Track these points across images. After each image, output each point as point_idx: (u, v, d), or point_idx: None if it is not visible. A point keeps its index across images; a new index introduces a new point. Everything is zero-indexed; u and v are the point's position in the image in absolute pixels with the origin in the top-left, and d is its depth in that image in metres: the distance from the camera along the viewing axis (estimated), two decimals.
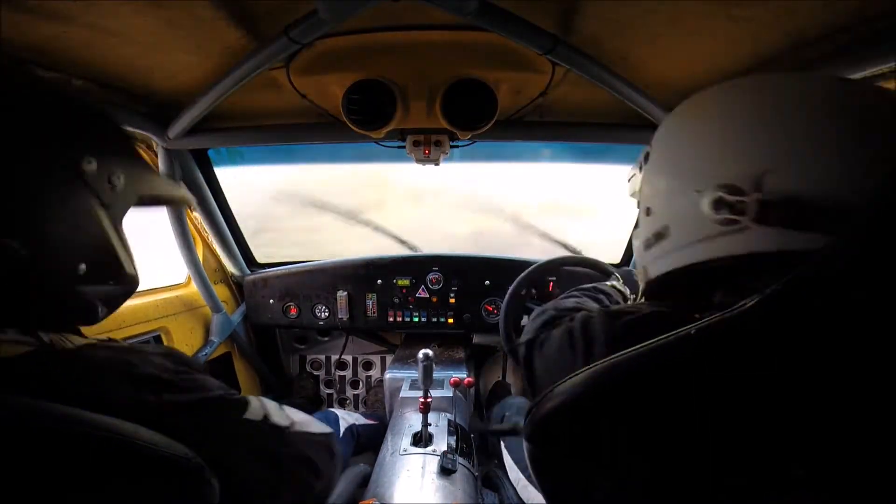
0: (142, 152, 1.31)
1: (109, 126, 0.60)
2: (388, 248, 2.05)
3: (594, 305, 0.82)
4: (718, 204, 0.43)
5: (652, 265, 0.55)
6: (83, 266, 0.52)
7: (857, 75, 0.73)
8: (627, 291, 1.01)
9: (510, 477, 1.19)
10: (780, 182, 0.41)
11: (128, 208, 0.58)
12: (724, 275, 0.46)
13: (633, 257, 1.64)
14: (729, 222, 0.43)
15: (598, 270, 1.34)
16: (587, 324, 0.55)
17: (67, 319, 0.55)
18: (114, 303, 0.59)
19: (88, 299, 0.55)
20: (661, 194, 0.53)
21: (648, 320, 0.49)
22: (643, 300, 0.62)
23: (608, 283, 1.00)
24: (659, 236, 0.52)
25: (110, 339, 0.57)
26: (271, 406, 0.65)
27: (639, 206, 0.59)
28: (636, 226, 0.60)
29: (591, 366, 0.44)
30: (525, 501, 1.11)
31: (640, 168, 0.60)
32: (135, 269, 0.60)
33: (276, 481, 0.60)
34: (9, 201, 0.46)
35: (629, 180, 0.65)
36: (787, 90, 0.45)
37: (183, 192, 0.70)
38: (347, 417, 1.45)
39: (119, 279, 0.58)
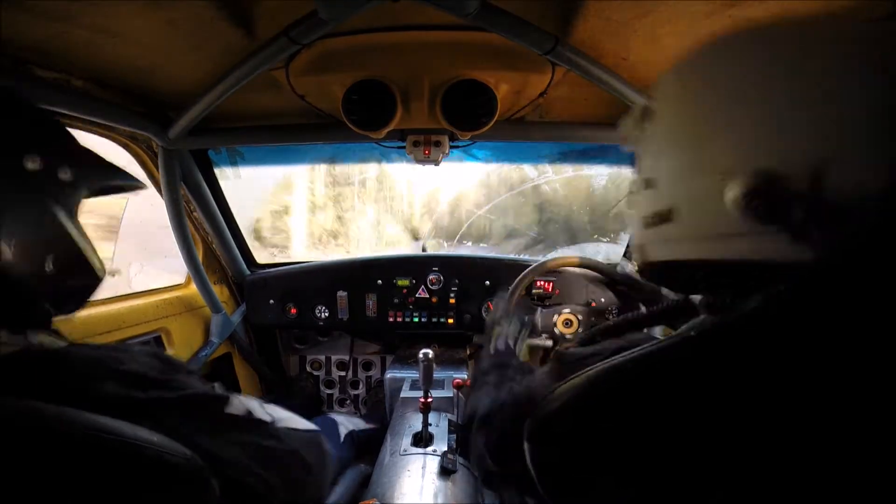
0: (141, 153, 1.32)
1: (48, 123, 0.60)
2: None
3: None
4: (750, 198, 0.32)
5: (651, 247, 0.45)
6: (49, 262, 0.53)
7: None
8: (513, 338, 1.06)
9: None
10: (846, 177, 0.29)
11: (81, 199, 0.59)
12: (743, 276, 0.37)
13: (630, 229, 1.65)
14: (762, 223, 0.32)
15: (598, 271, 1.35)
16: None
17: (42, 315, 0.56)
18: (83, 293, 0.60)
19: (61, 294, 0.56)
20: (668, 167, 0.41)
21: None
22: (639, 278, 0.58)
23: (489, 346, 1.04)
24: (662, 217, 0.41)
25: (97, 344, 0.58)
26: (252, 403, 0.65)
27: (635, 169, 0.48)
28: (632, 190, 0.49)
29: (593, 366, 0.44)
30: (527, 501, 1.11)
31: (639, 122, 0.47)
32: (98, 258, 0.61)
33: (266, 476, 0.60)
34: None
35: (623, 127, 0.52)
36: (854, 43, 0.32)
37: (134, 180, 0.70)
38: (347, 423, 1.45)
39: (84, 271, 0.59)
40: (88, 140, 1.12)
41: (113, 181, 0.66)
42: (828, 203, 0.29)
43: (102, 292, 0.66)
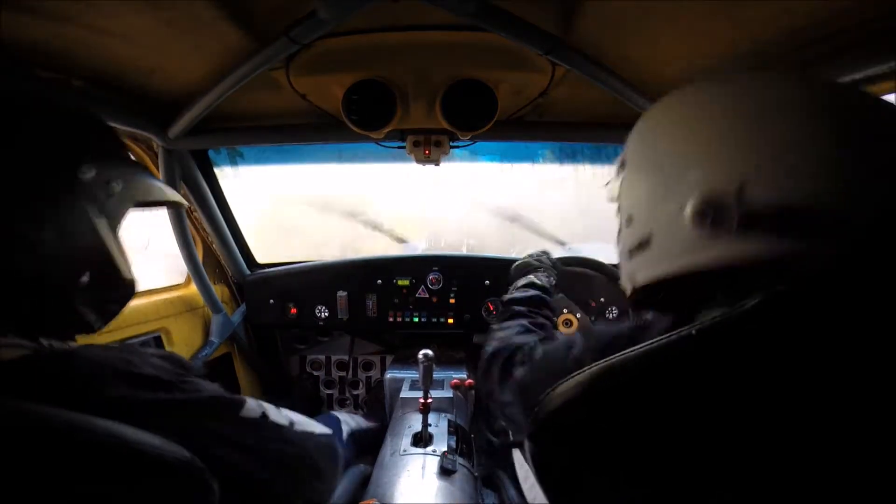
0: (141, 152, 1.32)
1: (105, 132, 0.60)
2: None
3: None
4: (699, 215, 0.41)
5: (636, 274, 0.53)
6: (86, 275, 0.52)
7: (857, 75, 0.73)
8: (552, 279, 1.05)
9: (518, 475, 1.19)
10: (763, 190, 0.40)
11: (125, 214, 0.59)
12: (711, 284, 0.44)
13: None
14: (711, 233, 0.41)
15: (600, 271, 1.35)
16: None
17: (69, 328, 0.56)
18: (113, 310, 0.60)
19: (90, 308, 0.55)
20: (642, 202, 0.51)
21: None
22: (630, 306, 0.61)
23: (535, 279, 1.03)
24: (642, 245, 0.50)
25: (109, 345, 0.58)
26: (268, 406, 0.64)
27: (619, 214, 0.57)
28: (619, 232, 0.58)
29: (594, 365, 0.44)
30: (529, 501, 1.11)
31: (617, 174, 0.58)
32: (132, 274, 0.60)
33: (277, 482, 0.59)
34: (9, 212, 0.46)
35: (607, 185, 0.62)
36: (768, 91, 0.44)
37: (176, 194, 0.70)
38: (350, 421, 1.45)
39: (118, 286, 0.58)
40: None
41: (157, 195, 0.66)
42: (754, 210, 0.39)
43: None
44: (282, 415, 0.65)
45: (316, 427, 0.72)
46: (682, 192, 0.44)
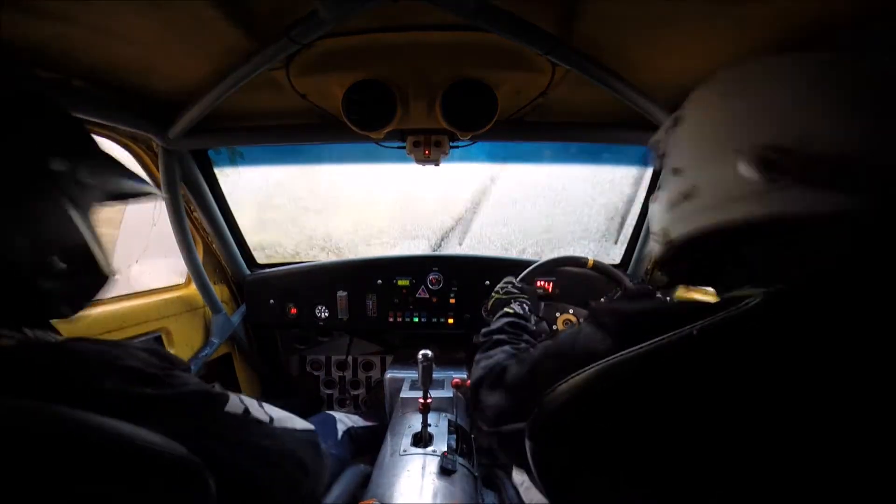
0: (141, 152, 1.32)
1: (74, 125, 0.62)
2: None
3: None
4: (762, 161, 0.43)
5: (674, 226, 0.54)
6: (60, 262, 0.54)
7: None
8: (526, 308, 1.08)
9: (513, 477, 1.19)
10: (824, 145, 0.41)
11: (97, 203, 0.60)
12: (753, 238, 0.45)
13: (638, 254, 1.64)
14: (769, 180, 0.42)
15: (615, 280, 1.35)
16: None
17: (46, 313, 0.57)
18: (88, 296, 0.61)
19: (64, 294, 0.57)
20: (694, 154, 0.52)
21: None
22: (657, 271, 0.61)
23: (509, 309, 1.05)
24: (686, 196, 0.51)
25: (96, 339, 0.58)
26: (251, 402, 0.65)
27: (663, 168, 0.58)
28: (658, 188, 0.59)
29: (594, 365, 0.44)
30: (526, 502, 1.11)
31: (669, 130, 0.58)
32: (107, 261, 0.62)
33: (262, 476, 0.60)
34: None
35: (654, 142, 0.62)
36: (823, 65, 0.45)
37: (149, 187, 0.72)
38: (346, 420, 1.45)
39: (92, 274, 0.60)
40: None
41: (129, 187, 0.67)
42: (817, 160, 0.41)
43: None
44: (263, 410, 0.66)
45: (297, 423, 0.72)
46: (740, 144, 0.45)
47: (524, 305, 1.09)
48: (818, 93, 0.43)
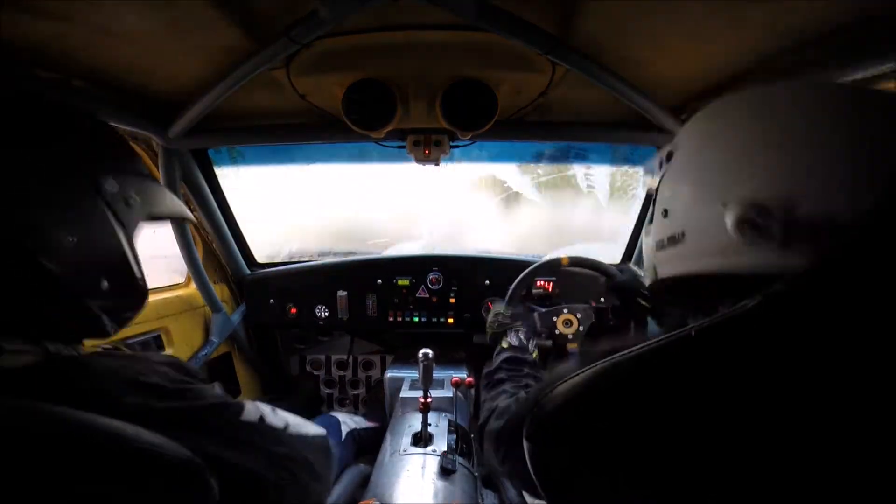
0: (141, 152, 1.32)
1: (126, 147, 0.63)
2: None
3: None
4: (744, 223, 0.42)
5: (662, 266, 0.55)
6: (105, 282, 0.55)
7: (858, 75, 0.73)
8: (527, 338, 1.10)
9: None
10: (811, 206, 0.39)
11: (140, 225, 0.62)
12: (736, 285, 0.44)
13: (641, 252, 1.64)
14: (751, 240, 0.42)
15: (600, 272, 1.34)
16: None
17: (84, 333, 0.58)
18: (128, 316, 0.62)
19: (107, 313, 0.57)
20: (681, 199, 0.52)
21: None
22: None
23: (504, 343, 1.07)
24: (673, 240, 0.52)
25: (114, 348, 0.59)
26: (265, 409, 0.66)
27: (654, 205, 0.58)
28: (649, 221, 0.60)
29: (593, 365, 0.44)
30: (526, 501, 1.11)
31: (661, 165, 0.58)
32: (145, 283, 0.63)
33: (274, 482, 0.60)
34: (37, 219, 0.49)
35: (646, 175, 0.63)
36: (822, 103, 0.43)
37: (186, 211, 0.74)
38: (349, 422, 1.45)
39: (133, 293, 0.61)
40: None
41: (169, 208, 0.69)
42: (801, 224, 0.40)
43: None
44: (277, 417, 0.67)
45: (310, 428, 0.73)
46: (727, 197, 0.44)
47: (519, 333, 1.11)
48: (808, 141, 0.41)
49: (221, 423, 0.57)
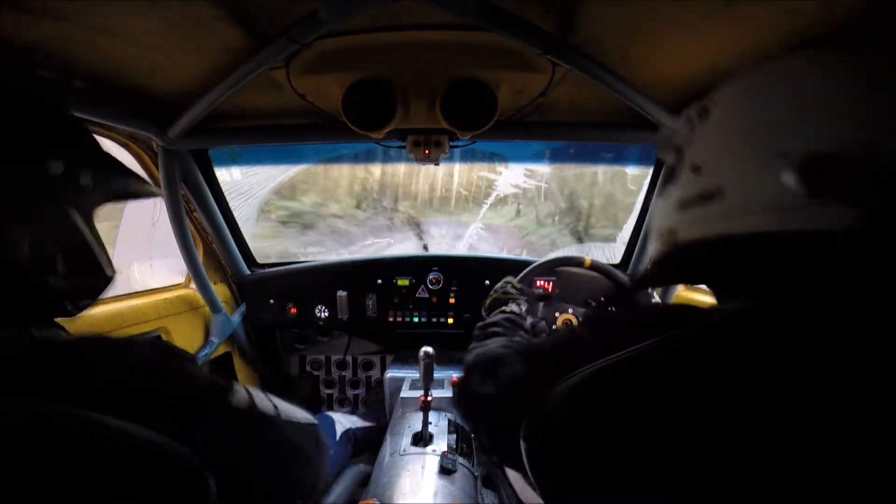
0: (141, 152, 1.32)
1: (73, 126, 0.62)
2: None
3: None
4: (810, 174, 0.37)
5: (687, 227, 0.49)
6: (60, 264, 0.54)
7: None
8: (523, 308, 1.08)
9: (509, 476, 1.19)
10: (886, 159, 0.35)
11: (98, 204, 0.61)
12: (780, 250, 0.40)
13: (639, 252, 1.64)
14: (815, 195, 0.37)
15: (614, 281, 1.35)
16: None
17: (51, 311, 0.57)
18: (91, 295, 0.62)
19: (67, 294, 0.57)
20: (723, 152, 0.46)
21: None
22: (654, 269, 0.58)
23: (506, 308, 1.06)
24: (707, 197, 0.46)
25: (101, 335, 0.59)
26: (256, 393, 0.65)
27: (677, 163, 0.53)
28: (665, 182, 0.55)
29: (592, 365, 0.44)
30: (524, 501, 1.11)
31: (690, 123, 0.53)
32: (109, 261, 0.62)
33: (265, 468, 0.60)
34: None
35: (668, 133, 0.57)
36: (880, 59, 0.40)
37: (147, 186, 0.72)
38: (344, 421, 1.45)
39: (94, 273, 0.60)
40: None
41: (128, 188, 0.68)
42: (873, 179, 0.35)
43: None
44: (268, 402, 0.66)
45: (300, 414, 0.73)
46: (787, 146, 0.40)
47: (521, 306, 1.10)
48: (880, 94, 0.38)
49: (208, 405, 0.57)
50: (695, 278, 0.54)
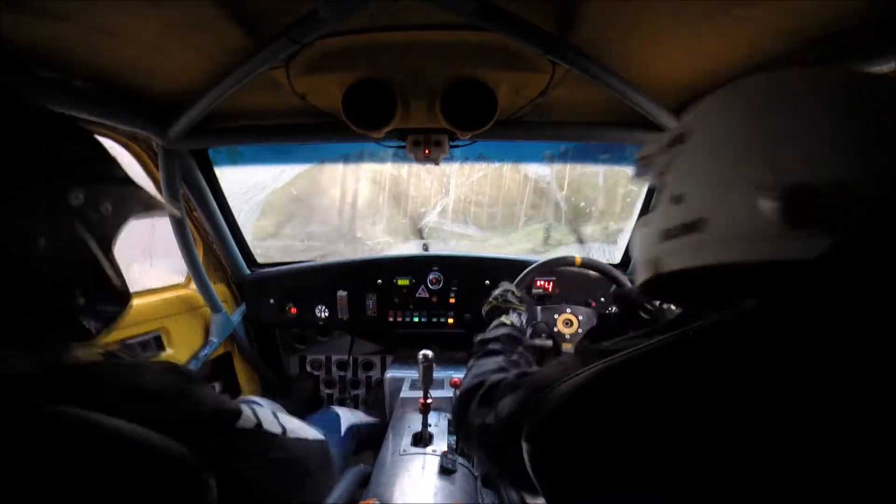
0: (141, 152, 1.32)
1: (95, 151, 0.61)
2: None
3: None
4: (790, 205, 0.37)
5: (669, 258, 0.49)
6: (78, 291, 0.55)
7: None
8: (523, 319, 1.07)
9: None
10: (863, 189, 0.35)
11: (117, 231, 0.61)
12: (766, 278, 0.40)
13: (634, 249, 1.64)
14: (795, 227, 0.37)
15: (609, 277, 1.35)
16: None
17: (69, 338, 0.57)
18: (109, 320, 0.62)
19: (87, 319, 0.57)
20: (702, 181, 0.46)
21: None
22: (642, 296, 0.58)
23: (506, 320, 1.04)
24: (689, 228, 0.46)
25: (114, 354, 0.59)
26: (265, 414, 0.66)
27: (658, 191, 0.53)
28: (647, 211, 0.55)
29: (592, 365, 0.44)
30: (526, 502, 1.11)
31: (668, 148, 0.52)
32: (126, 288, 0.62)
33: (268, 485, 0.61)
34: (6, 231, 0.48)
35: (647, 158, 0.56)
36: (859, 86, 0.41)
37: (168, 206, 0.72)
38: (350, 417, 1.45)
39: (111, 300, 0.61)
40: None
41: (142, 207, 0.67)
42: (853, 208, 0.36)
43: None
44: (276, 422, 0.67)
45: (309, 433, 0.74)
46: (764, 178, 0.39)
47: (521, 315, 1.09)
48: (863, 119, 0.38)
49: (217, 428, 0.58)
50: (675, 300, 0.55)
